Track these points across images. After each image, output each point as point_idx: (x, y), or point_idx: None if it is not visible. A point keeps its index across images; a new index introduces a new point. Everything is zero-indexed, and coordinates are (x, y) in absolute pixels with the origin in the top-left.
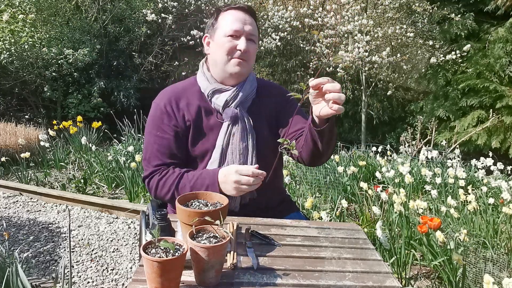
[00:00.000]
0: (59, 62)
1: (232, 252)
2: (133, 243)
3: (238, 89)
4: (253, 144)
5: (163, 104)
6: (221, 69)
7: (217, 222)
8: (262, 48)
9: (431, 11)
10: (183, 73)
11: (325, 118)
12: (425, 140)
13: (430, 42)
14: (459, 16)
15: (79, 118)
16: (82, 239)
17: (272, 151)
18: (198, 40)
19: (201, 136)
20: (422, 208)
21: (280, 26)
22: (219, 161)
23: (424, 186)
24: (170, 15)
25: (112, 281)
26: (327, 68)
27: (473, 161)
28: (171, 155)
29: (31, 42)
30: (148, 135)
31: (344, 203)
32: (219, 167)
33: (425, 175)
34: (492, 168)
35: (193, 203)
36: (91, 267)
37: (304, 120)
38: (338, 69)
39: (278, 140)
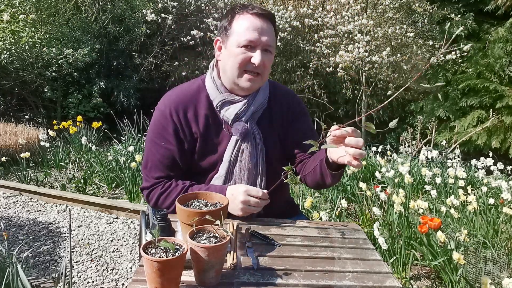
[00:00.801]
0: (59, 62)
1: (232, 252)
2: (133, 243)
3: (249, 101)
4: (263, 162)
5: (169, 112)
6: (232, 80)
7: (217, 222)
8: None
9: (431, 11)
10: (183, 73)
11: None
12: (425, 140)
13: (430, 42)
14: (459, 16)
15: (79, 118)
16: (82, 239)
17: (281, 163)
18: (198, 40)
19: (208, 149)
20: (422, 208)
21: (280, 26)
22: (225, 177)
23: (424, 186)
24: (170, 15)
25: (112, 281)
26: (327, 68)
27: (473, 161)
28: (174, 167)
29: (31, 42)
30: (150, 144)
31: (344, 203)
32: (225, 184)
33: (425, 175)
34: (492, 168)
35: (193, 203)
36: (91, 267)
37: (308, 132)
38: (338, 69)
39: (283, 168)
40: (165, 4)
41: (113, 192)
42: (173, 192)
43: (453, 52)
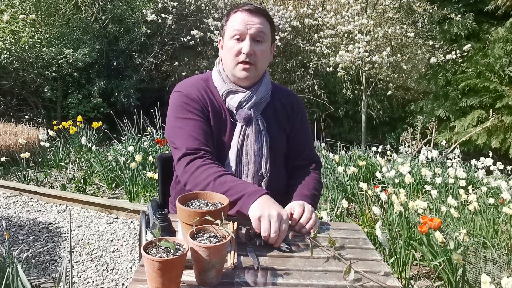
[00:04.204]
0: (59, 62)
1: (232, 252)
2: (133, 243)
3: (253, 91)
4: (267, 147)
5: (189, 90)
6: (231, 73)
7: (218, 221)
8: None
9: (431, 11)
10: (183, 73)
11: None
12: (425, 140)
13: (430, 42)
14: (459, 16)
15: (79, 118)
16: (82, 239)
17: (284, 155)
18: (198, 40)
19: (217, 133)
20: (422, 208)
21: (280, 26)
22: (235, 162)
23: (424, 186)
24: (170, 15)
25: (112, 281)
26: (327, 68)
27: (473, 161)
28: (206, 137)
29: (31, 42)
30: (176, 122)
31: (344, 203)
32: (236, 169)
33: (425, 175)
34: (492, 168)
35: (194, 203)
36: (91, 267)
37: (307, 139)
38: (338, 69)
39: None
40: (165, 4)
41: (113, 192)
42: (212, 168)
43: (453, 52)
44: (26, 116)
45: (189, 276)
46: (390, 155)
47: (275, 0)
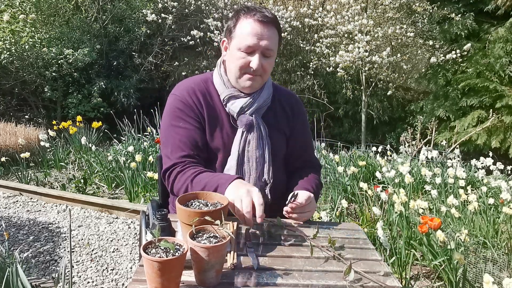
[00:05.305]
0: (59, 62)
1: (232, 252)
2: (133, 243)
3: (254, 97)
4: (269, 152)
5: (184, 95)
6: (234, 80)
7: (217, 222)
8: None
9: (431, 11)
10: (183, 73)
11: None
12: (425, 140)
13: (430, 42)
14: (459, 16)
15: (79, 118)
16: (82, 239)
17: (284, 160)
18: (198, 40)
19: (213, 138)
20: (422, 208)
21: (280, 26)
22: (236, 168)
23: (424, 186)
24: (170, 15)
25: (112, 281)
26: (327, 68)
27: (473, 161)
28: (195, 146)
29: (31, 42)
30: (168, 128)
31: (344, 203)
32: (236, 174)
33: (425, 175)
34: (492, 168)
35: (193, 203)
36: (91, 267)
37: (307, 141)
38: (338, 69)
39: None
40: (165, 4)
41: (113, 192)
42: (189, 172)
43: (453, 52)
44: (26, 116)
45: (188, 276)
46: (390, 155)
47: (275, 0)
